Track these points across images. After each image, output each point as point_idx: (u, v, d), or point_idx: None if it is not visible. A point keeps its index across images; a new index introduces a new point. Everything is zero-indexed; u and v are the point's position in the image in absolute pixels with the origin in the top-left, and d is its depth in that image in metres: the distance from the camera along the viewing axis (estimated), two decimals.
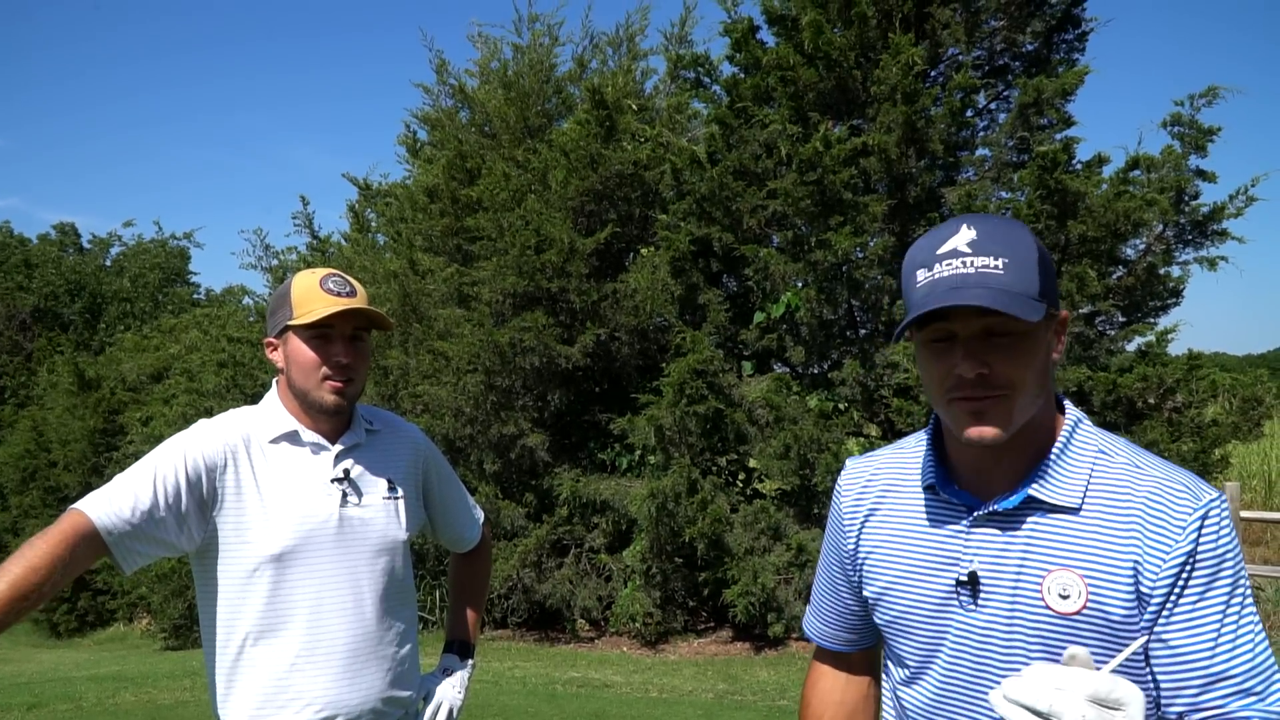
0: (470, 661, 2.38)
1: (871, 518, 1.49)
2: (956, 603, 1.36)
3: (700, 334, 8.97)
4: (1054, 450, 1.32)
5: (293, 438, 2.09)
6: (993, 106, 10.16)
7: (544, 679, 8.10)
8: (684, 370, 8.62)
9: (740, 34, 9.69)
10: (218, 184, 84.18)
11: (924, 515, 1.42)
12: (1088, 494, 1.29)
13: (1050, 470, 1.31)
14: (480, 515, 2.50)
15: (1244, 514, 8.42)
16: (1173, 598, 1.23)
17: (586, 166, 10.08)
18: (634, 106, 10.95)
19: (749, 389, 9.19)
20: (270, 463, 2.05)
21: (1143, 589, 1.24)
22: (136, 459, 2.02)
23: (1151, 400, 8.96)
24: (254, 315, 16.10)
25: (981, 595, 1.33)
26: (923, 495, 1.43)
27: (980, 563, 1.33)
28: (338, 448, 2.11)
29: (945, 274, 1.27)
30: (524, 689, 7.72)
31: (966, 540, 1.35)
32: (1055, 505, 1.30)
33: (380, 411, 2.31)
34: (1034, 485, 1.30)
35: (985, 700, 1.34)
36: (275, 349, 2.12)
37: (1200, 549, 1.23)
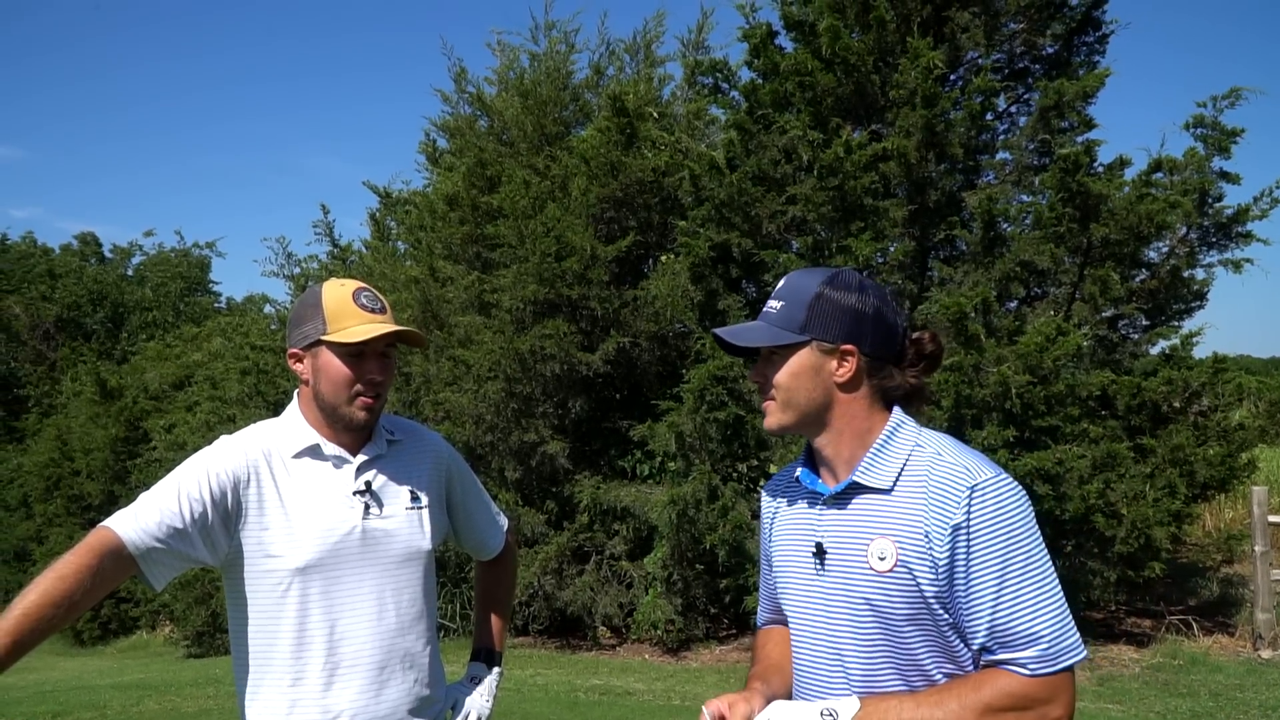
0: (497, 669, 2.38)
1: (778, 514, 1.86)
2: (814, 570, 1.71)
3: None
4: (875, 445, 1.68)
5: (315, 451, 2.09)
6: (1013, 110, 10.11)
7: (566, 686, 8.10)
8: (704, 377, 8.60)
9: (758, 39, 9.67)
10: (237, 193, 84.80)
11: (797, 505, 1.80)
12: (900, 478, 1.64)
13: (871, 460, 1.67)
14: (504, 522, 2.50)
15: (1272, 518, 8.32)
16: (959, 561, 1.55)
17: (607, 174, 10.09)
18: (654, 114, 10.95)
19: None
20: (293, 477, 2.06)
21: (934, 554, 1.57)
22: (160, 466, 2.05)
23: (1176, 404, 8.89)
24: (276, 323, 16.18)
25: (827, 562, 1.69)
26: (800, 490, 1.80)
27: (826, 535, 1.70)
28: (359, 459, 2.12)
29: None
30: (546, 696, 7.72)
31: (819, 519, 1.73)
32: (872, 487, 1.66)
33: (402, 420, 2.31)
34: (857, 472, 1.67)
35: (833, 649, 1.69)
36: (300, 360, 2.11)
37: (973, 519, 1.55)
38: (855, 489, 1.68)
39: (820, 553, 1.70)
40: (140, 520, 1.88)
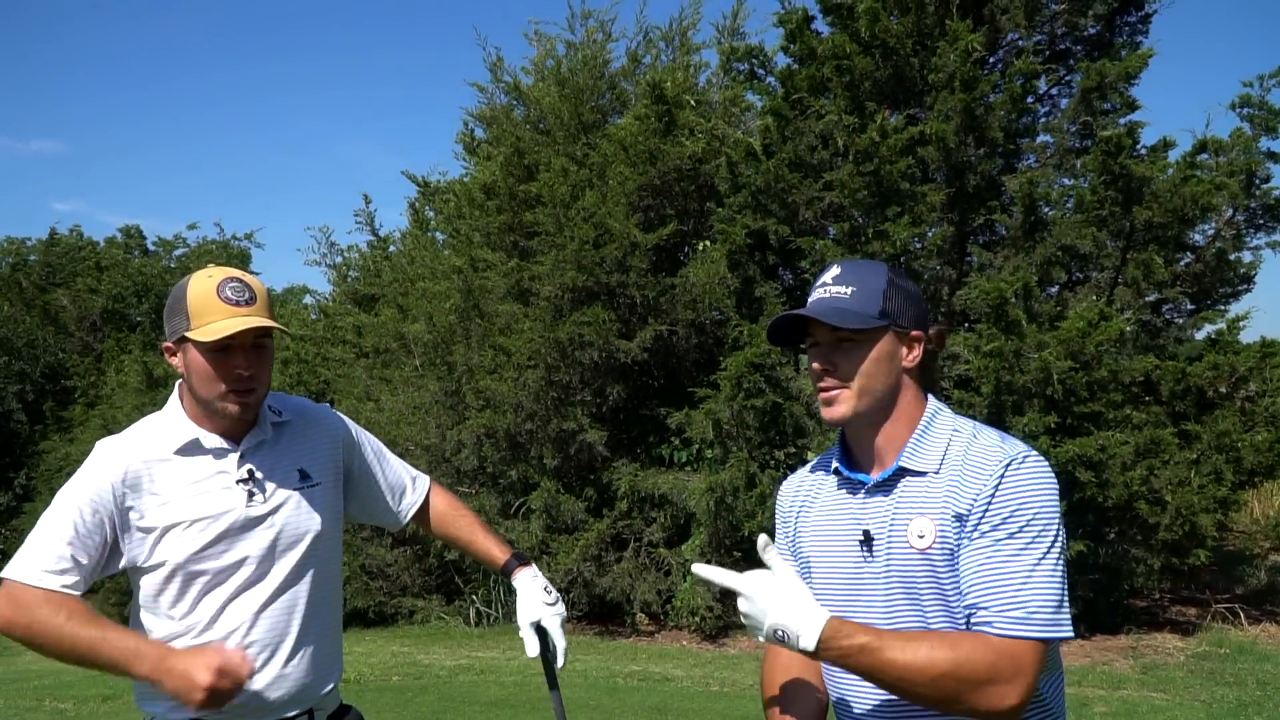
0: (534, 570, 2.38)
1: (804, 511, 1.89)
2: (862, 558, 1.73)
3: (757, 327, 8.93)
4: (917, 431, 1.73)
5: (194, 446, 2.08)
6: (1054, 92, 9.98)
7: (605, 672, 8.14)
8: (741, 364, 8.59)
9: (795, 24, 9.61)
10: (277, 183, 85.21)
11: (835, 496, 1.82)
12: (945, 460, 1.69)
13: (916, 445, 1.72)
14: (424, 477, 2.46)
15: None
16: (981, 525, 1.59)
17: (645, 161, 10.09)
18: (691, 101, 10.92)
19: (807, 382, 9.13)
20: (174, 474, 2.05)
21: (965, 524, 1.61)
22: None
23: (1223, 389, 8.75)
24: (316, 314, 16.34)
25: (874, 547, 1.71)
26: (835, 481, 1.83)
27: (871, 522, 1.73)
28: (242, 447, 2.10)
29: (812, 299, 1.76)
30: (585, 682, 7.76)
31: (862, 507, 1.75)
32: (919, 470, 1.70)
33: (292, 399, 2.28)
34: (903, 457, 1.72)
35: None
36: (174, 354, 2.08)
37: (1001, 489, 1.60)
38: (901, 474, 1.72)
39: (868, 540, 1.72)
40: (45, 565, 1.96)
